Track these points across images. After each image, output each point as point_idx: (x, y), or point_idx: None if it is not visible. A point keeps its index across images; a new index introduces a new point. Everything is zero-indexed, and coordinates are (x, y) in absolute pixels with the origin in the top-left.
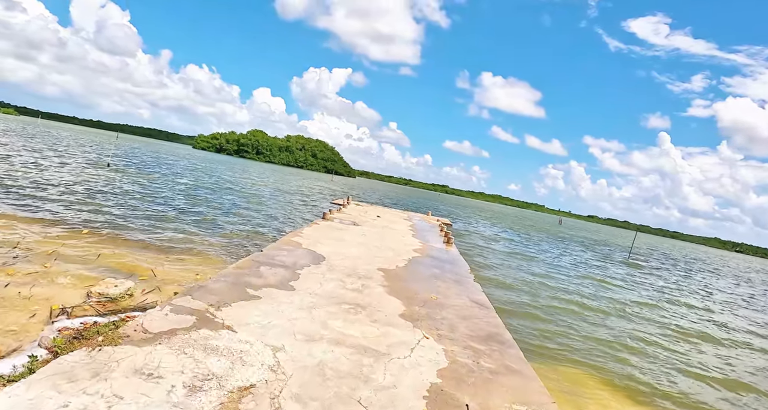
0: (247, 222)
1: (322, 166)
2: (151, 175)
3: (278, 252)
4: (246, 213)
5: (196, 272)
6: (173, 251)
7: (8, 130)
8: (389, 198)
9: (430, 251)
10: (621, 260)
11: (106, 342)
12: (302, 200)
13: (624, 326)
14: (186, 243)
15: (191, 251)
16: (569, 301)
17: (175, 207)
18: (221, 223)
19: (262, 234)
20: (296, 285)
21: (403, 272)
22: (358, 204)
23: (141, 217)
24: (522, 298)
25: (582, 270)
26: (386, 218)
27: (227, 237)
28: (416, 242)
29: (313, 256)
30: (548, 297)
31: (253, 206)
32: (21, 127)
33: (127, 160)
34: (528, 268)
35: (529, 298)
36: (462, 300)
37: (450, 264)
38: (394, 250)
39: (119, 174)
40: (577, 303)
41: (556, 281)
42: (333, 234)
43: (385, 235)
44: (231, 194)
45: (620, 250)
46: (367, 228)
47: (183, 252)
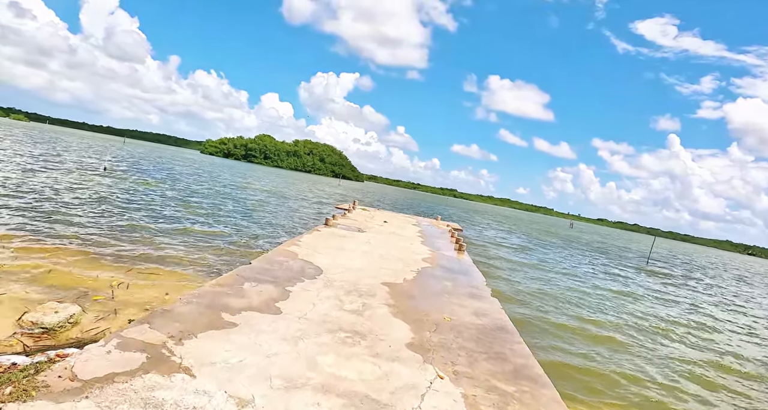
0: (240, 231)
1: (329, 170)
2: (147, 180)
3: (269, 265)
4: (241, 220)
5: (167, 290)
6: (147, 266)
7: (12, 135)
8: (397, 202)
9: (440, 260)
10: (642, 268)
11: (13, 397)
12: (306, 205)
13: (677, 355)
14: (165, 257)
15: (169, 265)
16: (603, 324)
17: (162, 215)
18: (211, 232)
19: (256, 244)
20: (284, 307)
21: (411, 287)
22: (365, 209)
23: (119, 227)
24: (547, 318)
25: (605, 280)
26: (394, 223)
27: (215, 248)
28: (425, 250)
29: (309, 269)
30: (576, 318)
31: (250, 213)
32: (26, 133)
33: (127, 165)
34: (547, 279)
35: (554, 317)
36: (481, 321)
37: (464, 276)
38: (401, 260)
39: (112, 179)
40: (613, 326)
41: (580, 295)
42: (334, 242)
43: (391, 243)
44: (228, 200)
45: (638, 257)
46: (372, 235)
47: (159, 267)
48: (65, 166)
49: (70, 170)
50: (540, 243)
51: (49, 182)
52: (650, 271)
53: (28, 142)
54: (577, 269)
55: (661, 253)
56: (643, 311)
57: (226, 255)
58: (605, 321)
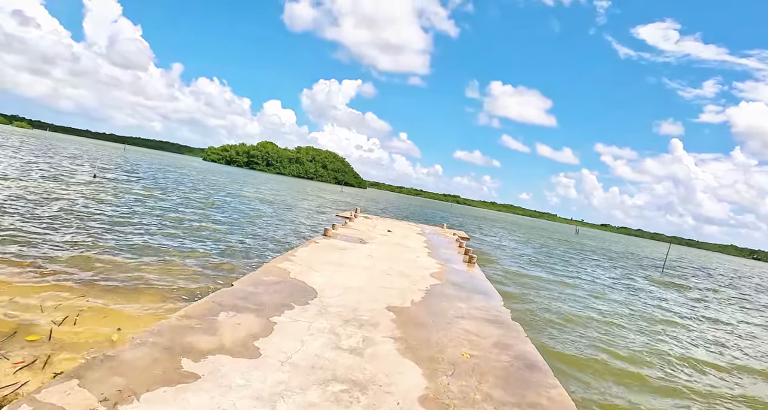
0: (228, 246)
1: (332, 177)
2: (134, 188)
3: (253, 288)
4: (231, 233)
5: (122, 324)
6: (109, 289)
7: (7, 142)
8: (401, 209)
9: (450, 275)
10: (665, 282)
11: None
12: (305, 214)
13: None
14: (133, 278)
15: (135, 289)
16: (641, 361)
17: (139, 228)
18: (193, 248)
19: (244, 261)
20: (264, 347)
21: (420, 311)
22: (367, 217)
23: (83, 244)
24: (579, 352)
25: (627, 294)
26: (397, 233)
27: (195, 266)
28: (433, 263)
29: (301, 291)
30: (608, 352)
31: (243, 224)
32: (24, 139)
33: (120, 172)
34: (570, 298)
35: (589, 352)
36: (506, 357)
37: (478, 294)
38: (407, 276)
39: (96, 187)
40: (657, 362)
41: (603, 316)
42: (333, 256)
43: (396, 255)
44: (220, 209)
45: (653, 266)
46: (375, 247)
47: (122, 291)
48: (57, 173)
49: (54, 178)
50: (550, 252)
51: (18, 192)
52: (678, 286)
53: (21, 149)
54: (596, 284)
55: (672, 260)
56: (691, 341)
57: (207, 275)
58: (658, 356)
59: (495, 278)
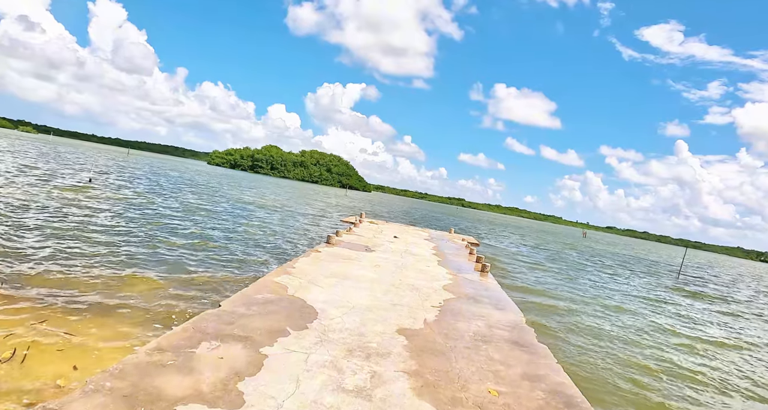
0: (220, 257)
1: (337, 180)
2: (126, 194)
3: (244, 308)
4: (225, 241)
5: (78, 361)
6: (75, 313)
7: (7, 147)
8: (407, 213)
9: (464, 287)
10: (686, 290)
11: None
12: (307, 220)
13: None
14: (106, 298)
15: (107, 312)
16: (696, 383)
17: (126, 237)
18: (182, 260)
19: (237, 275)
20: (250, 391)
21: (435, 334)
22: (372, 221)
23: (59, 256)
24: (613, 380)
25: (655, 307)
26: (405, 239)
27: (180, 282)
28: (444, 273)
29: (298, 312)
30: (645, 374)
31: (239, 232)
32: (24, 144)
33: (117, 177)
34: (591, 311)
35: (624, 382)
36: (539, 392)
37: (496, 310)
38: (418, 290)
39: (88, 192)
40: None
41: (634, 332)
42: (336, 267)
43: (404, 264)
44: (215, 215)
45: (668, 272)
46: (381, 256)
47: (90, 315)
48: (52, 178)
49: (44, 183)
50: (563, 257)
51: (18, 199)
52: (703, 296)
53: (18, 153)
54: (620, 294)
55: (685, 265)
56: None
57: (193, 293)
58: (719, 382)
59: (511, 289)
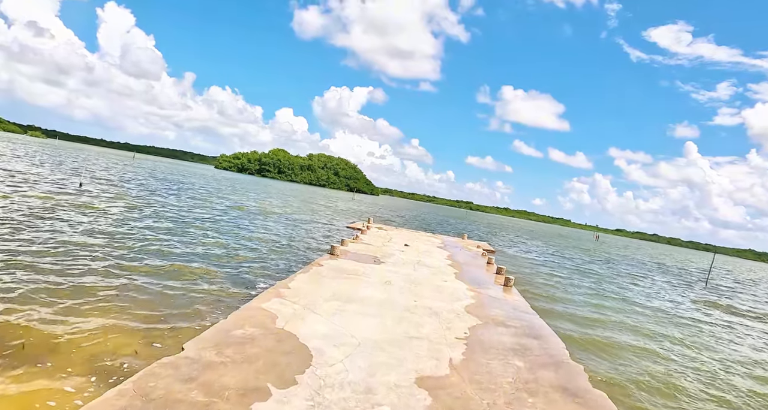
0: (200, 277)
1: (344, 184)
2: (117, 200)
3: (213, 353)
4: (210, 258)
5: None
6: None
7: (6, 151)
8: (415, 217)
9: (489, 307)
10: (738, 307)
11: None
12: (311, 226)
13: None
14: (41, 338)
15: (28, 360)
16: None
17: (94, 253)
18: (150, 284)
19: (218, 298)
20: None
21: (465, 384)
22: (381, 227)
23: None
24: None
25: (724, 335)
26: (416, 247)
27: (146, 309)
28: (464, 289)
29: (287, 356)
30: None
31: (229, 245)
32: (27, 148)
33: (113, 181)
34: (644, 340)
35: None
36: None
37: (533, 339)
38: (437, 314)
39: (70, 198)
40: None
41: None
42: (339, 286)
43: (418, 280)
44: (207, 224)
45: (697, 280)
46: (392, 269)
47: (5, 366)
48: (39, 181)
49: (38, 186)
50: (585, 266)
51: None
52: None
53: (15, 157)
54: (664, 315)
55: (703, 269)
56: None
57: (153, 328)
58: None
59: (540, 308)
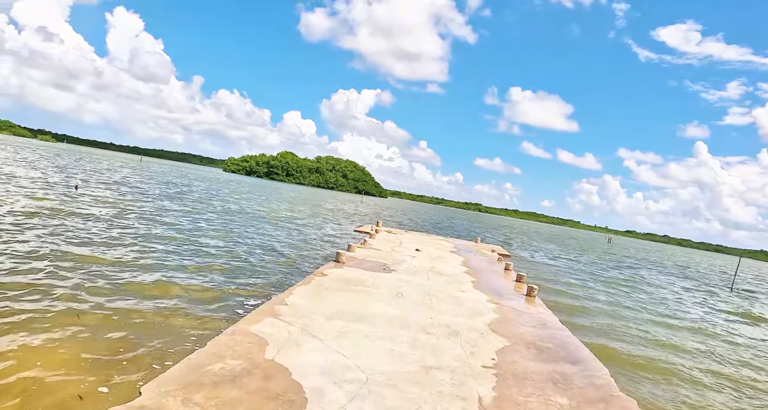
0: (191, 286)
1: (353, 186)
2: (111, 203)
3: (179, 401)
4: (205, 266)
5: None
6: None
7: (8, 155)
8: (425, 221)
9: (515, 323)
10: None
11: None
12: (317, 231)
13: None
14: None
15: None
16: None
17: (66, 266)
18: (127, 298)
19: (203, 317)
20: None
21: None
22: (390, 231)
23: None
24: None
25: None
26: (428, 252)
27: (107, 339)
28: (484, 300)
29: (274, 402)
30: None
31: (226, 252)
32: (33, 152)
33: (112, 184)
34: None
35: None
36: None
37: (571, 366)
38: (457, 334)
39: (64, 200)
40: None
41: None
42: (345, 300)
43: (433, 291)
44: (202, 230)
45: (722, 283)
46: (403, 278)
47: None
48: (34, 185)
49: (30, 190)
50: (600, 269)
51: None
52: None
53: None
54: (697, 327)
55: (720, 271)
56: None
57: (114, 361)
58: None
59: (569, 323)
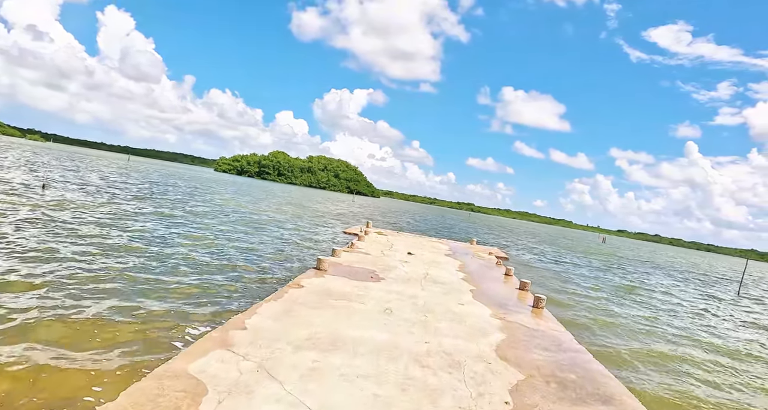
0: (134, 305)
1: (345, 186)
2: (73, 204)
3: None
4: (153, 281)
5: None
6: None
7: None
8: (417, 220)
9: (527, 346)
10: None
11: None
12: (300, 233)
13: None
14: None
15: None
16: None
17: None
18: (31, 324)
19: (131, 355)
20: None
21: None
22: (381, 232)
23: None
24: None
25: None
26: (421, 255)
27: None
28: (487, 315)
29: None
30: None
31: (183, 264)
32: (13, 151)
33: (88, 184)
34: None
35: None
36: None
37: (600, 403)
38: (459, 365)
39: (20, 202)
40: None
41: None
42: (320, 320)
43: (429, 305)
44: (172, 236)
45: (725, 286)
46: (393, 288)
47: None
48: None
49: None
50: (600, 274)
51: None
52: None
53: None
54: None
55: (716, 271)
56: None
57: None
58: None
59: (584, 341)
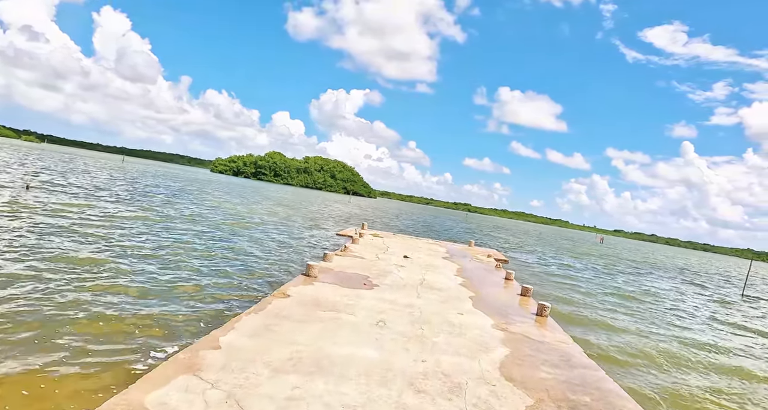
0: (85, 333)
1: (341, 187)
2: (59, 208)
3: None
4: (124, 292)
5: None
6: None
7: None
8: (415, 221)
9: (533, 361)
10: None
11: None
12: (292, 237)
13: None
14: None
15: None
16: None
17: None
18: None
19: (80, 387)
20: None
21: None
22: (376, 234)
23: None
24: None
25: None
26: (418, 259)
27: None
28: (488, 326)
29: None
30: None
31: (159, 273)
32: (6, 152)
33: (73, 185)
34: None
35: None
36: None
37: None
38: (460, 388)
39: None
40: None
41: None
42: (305, 337)
43: (425, 316)
44: (151, 243)
45: (730, 288)
46: (387, 296)
47: None
48: None
49: None
50: (605, 278)
51: None
52: None
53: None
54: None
55: (716, 271)
56: None
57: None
58: None
59: (593, 354)
